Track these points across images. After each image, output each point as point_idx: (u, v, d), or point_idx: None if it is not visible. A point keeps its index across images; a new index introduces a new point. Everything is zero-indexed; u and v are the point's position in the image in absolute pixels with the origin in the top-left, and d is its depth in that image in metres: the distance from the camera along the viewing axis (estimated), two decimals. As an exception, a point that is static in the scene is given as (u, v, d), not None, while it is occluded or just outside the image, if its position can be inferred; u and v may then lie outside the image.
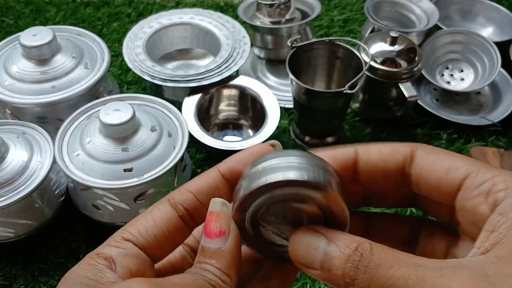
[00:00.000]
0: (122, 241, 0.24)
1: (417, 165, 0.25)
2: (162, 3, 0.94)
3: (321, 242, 0.23)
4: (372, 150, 0.26)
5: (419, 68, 0.67)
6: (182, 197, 0.25)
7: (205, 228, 0.24)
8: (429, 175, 0.24)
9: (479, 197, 0.22)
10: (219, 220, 0.24)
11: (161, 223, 0.25)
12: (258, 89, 0.68)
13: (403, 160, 0.25)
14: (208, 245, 0.24)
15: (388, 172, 0.25)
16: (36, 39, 0.61)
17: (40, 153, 0.55)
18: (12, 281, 0.55)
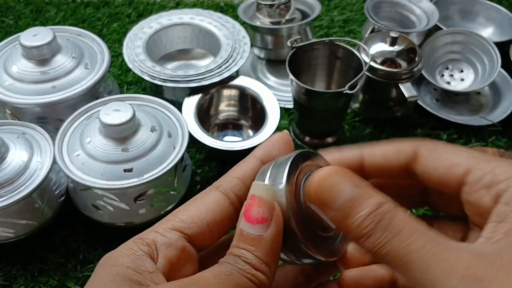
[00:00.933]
0: (170, 231, 0.23)
1: (420, 164, 0.25)
2: (162, 4, 0.94)
3: (349, 186, 0.22)
4: (377, 151, 0.26)
5: (419, 69, 0.67)
6: (231, 183, 0.25)
7: (245, 211, 0.23)
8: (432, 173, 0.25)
9: (481, 190, 0.23)
10: (262, 206, 0.22)
11: (214, 210, 0.24)
12: (258, 89, 0.68)
13: (406, 159, 0.25)
14: (248, 230, 0.22)
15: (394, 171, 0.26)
16: (36, 39, 0.61)
17: (40, 153, 0.55)
18: (12, 281, 0.55)
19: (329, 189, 0.22)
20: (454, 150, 0.25)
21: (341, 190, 0.22)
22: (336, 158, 0.26)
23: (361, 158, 0.26)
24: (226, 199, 0.24)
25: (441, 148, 0.25)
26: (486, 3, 0.86)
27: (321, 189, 0.22)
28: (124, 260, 0.22)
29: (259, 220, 0.22)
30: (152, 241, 0.23)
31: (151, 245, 0.23)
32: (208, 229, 0.24)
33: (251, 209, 0.22)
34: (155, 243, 0.23)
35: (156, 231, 0.23)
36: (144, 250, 0.22)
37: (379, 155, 0.26)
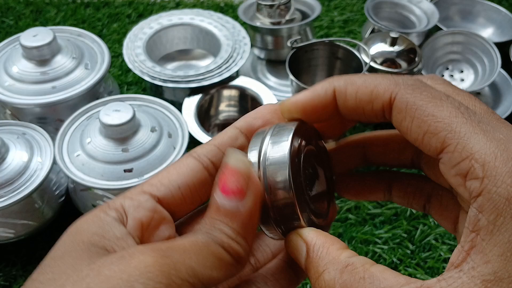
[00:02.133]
0: (139, 193, 0.22)
1: (395, 117, 0.22)
2: (162, 4, 0.94)
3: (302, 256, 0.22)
4: (349, 93, 0.23)
5: (419, 69, 0.67)
6: (206, 150, 0.23)
7: (219, 182, 0.21)
8: (406, 134, 0.22)
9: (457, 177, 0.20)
10: (238, 177, 0.21)
11: (186, 173, 0.23)
12: (258, 89, 0.68)
13: (382, 107, 0.22)
14: (223, 202, 0.21)
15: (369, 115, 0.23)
16: (36, 39, 0.61)
17: (40, 153, 0.55)
18: (12, 282, 0.55)
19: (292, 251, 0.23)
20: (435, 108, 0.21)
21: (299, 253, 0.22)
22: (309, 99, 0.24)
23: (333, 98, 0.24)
24: (199, 164, 0.23)
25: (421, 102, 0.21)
26: (486, 3, 0.86)
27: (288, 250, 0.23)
28: (89, 227, 0.21)
29: (235, 192, 0.21)
30: (120, 205, 0.21)
31: (119, 209, 0.21)
32: (180, 192, 0.22)
33: (225, 179, 0.21)
34: (123, 207, 0.21)
35: (124, 196, 0.22)
36: (112, 215, 0.21)
37: (350, 97, 0.23)
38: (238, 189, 0.21)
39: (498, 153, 0.19)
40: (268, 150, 0.22)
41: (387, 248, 0.58)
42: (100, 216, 0.21)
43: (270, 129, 0.24)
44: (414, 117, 0.21)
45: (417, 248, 0.58)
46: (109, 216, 0.21)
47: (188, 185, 0.23)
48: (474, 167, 0.19)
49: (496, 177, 0.19)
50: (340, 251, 0.21)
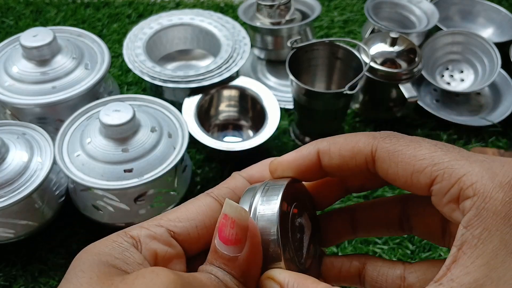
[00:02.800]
0: (155, 226, 0.23)
1: (380, 168, 0.23)
2: (162, 4, 0.94)
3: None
4: (333, 151, 0.24)
5: (419, 69, 0.67)
6: (222, 191, 0.25)
7: (219, 231, 0.22)
8: (394, 179, 0.23)
9: (450, 204, 0.21)
10: (235, 227, 0.22)
11: (204, 212, 0.23)
12: (258, 89, 0.68)
13: (365, 161, 0.24)
14: (222, 250, 0.22)
15: (354, 171, 0.24)
16: (36, 40, 0.61)
17: (40, 153, 0.55)
18: (12, 282, 0.55)
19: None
20: (415, 151, 0.22)
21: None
22: (293, 161, 0.25)
23: (318, 159, 0.25)
24: (217, 204, 0.24)
25: (402, 149, 0.23)
26: (486, 3, 0.86)
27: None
28: (110, 250, 0.21)
29: (233, 242, 0.22)
30: (136, 235, 0.22)
31: (135, 238, 0.22)
32: (196, 231, 0.23)
33: (224, 229, 0.22)
34: (139, 237, 0.22)
35: (142, 226, 0.23)
36: (129, 242, 0.22)
37: (334, 156, 0.24)
38: (236, 239, 0.22)
39: (484, 172, 0.20)
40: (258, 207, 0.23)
41: (387, 248, 0.58)
42: (119, 242, 0.22)
43: (261, 186, 0.25)
44: (398, 161, 0.22)
45: (417, 248, 0.58)
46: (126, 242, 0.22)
47: (205, 224, 0.23)
48: (463, 189, 0.20)
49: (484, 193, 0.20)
50: (315, 284, 0.22)
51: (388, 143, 0.23)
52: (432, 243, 0.58)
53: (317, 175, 0.25)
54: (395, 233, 0.28)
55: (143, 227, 0.23)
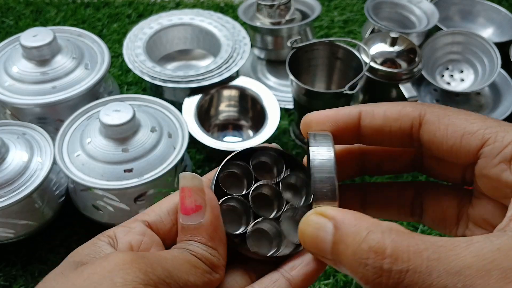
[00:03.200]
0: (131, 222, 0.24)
1: (427, 131, 0.23)
2: (162, 4, 0.94)
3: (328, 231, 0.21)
4: (377, 112, 0.24)
5: (419, 69, 0.67)
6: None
7: (180, 205, 0.23)
8: (441, 142, 0.23)
9: (501, 164, 0.21)
10: (193, 195, 0.23)
11: (176, 200, 0.24)
12: (258, 89, 0.68)
13: (411, 124, 0.23)
14: (186, 222, 0.23)
15: (394, 136, 0.24)
16: (36, 39, 0.61)
17: (40, 153, 0.55)
18: (12, 282, 0.55)
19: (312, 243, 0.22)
20: (466, 115, 0.22)
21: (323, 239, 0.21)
22: (332, 116, 0.25)
23: (358, 118, 0.24)
24: None
25: (452, 113, 0.23)
26: (486, 3, 0.86)
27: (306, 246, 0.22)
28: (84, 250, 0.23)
29: (194, 209, 0.23)
30: (112, 233, 0.23)
31: (111, 236, 0.23)
32: (169, 217, 0.24)
33: (184, 201, 0.23)
34: (115, 234, 0.23)
35: (118, 226, 0.24)
36: (104, 240, 0.23)
37: (378, 117, 0.24)
38: (197, 205, 0.23)
39: None
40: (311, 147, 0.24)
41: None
42: (94, 242, 0.23)
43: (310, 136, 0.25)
44: (449, 124, 0.22)
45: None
46: (102, 241, 0.23)
47: (176, 210, 0.24)
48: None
49: None
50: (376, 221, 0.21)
51: (437, 109, 0.23)
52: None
53: (352, 136, 0.25)
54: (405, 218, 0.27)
55: (119, 225, 0.24)
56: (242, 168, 0.26)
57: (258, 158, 0.27)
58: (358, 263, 0.19)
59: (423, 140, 0.23)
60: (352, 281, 0.55)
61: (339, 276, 0.55)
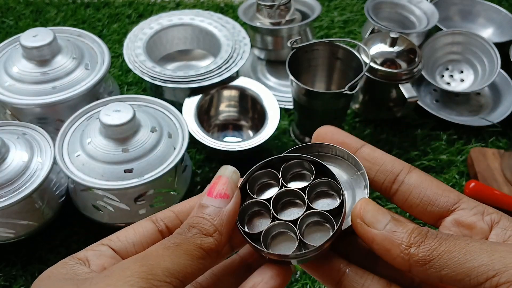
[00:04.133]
0: (99, 245, 0.25)
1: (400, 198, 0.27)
2: (162, 4, 0.94)
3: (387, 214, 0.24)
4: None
5: (419, 69, 0.67)
6: (164, 215, 0.27)
7: (209, 189, 0.25)
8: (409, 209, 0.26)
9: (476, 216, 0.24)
10: (227, 184, 0.25)
11: (141, 233, 0.26)
12: (258, 90, 0.68)
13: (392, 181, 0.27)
14: (209, 202, 0.25)
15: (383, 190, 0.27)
16: (36, 40, 0.61)
17: (41, 153, 0.55)
18: (12, 282, 0.55)
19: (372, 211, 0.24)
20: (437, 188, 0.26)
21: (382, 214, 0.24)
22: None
23: None
24: (154, 227, 0.26)
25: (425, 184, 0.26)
26: (486, 3, 0.86)
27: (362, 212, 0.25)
28: (60, 271, 0.23)
29: (222, 195, 0.25)
30: (83, 256, 0.24)
31: (82, 258, 0.24)
32: (134, 249, 0.25)
33: (215, 186, 0.25)
34: (86, 257, 0.24)
35: (86, 249, 0.25)
36: (76, 262, 0.24)
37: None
38: (225, 193, 0.25)
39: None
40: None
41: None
42: (66, 262, 0.24)
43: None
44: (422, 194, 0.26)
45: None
46: (74, 262, 0.24)
47: (141, 243, 0.26)
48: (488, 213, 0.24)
49: None
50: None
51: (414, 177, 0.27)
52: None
53: None
54: None
55: (87, 249, 0.25)
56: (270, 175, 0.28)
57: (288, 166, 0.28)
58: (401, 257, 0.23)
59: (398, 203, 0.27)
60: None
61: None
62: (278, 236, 0.26)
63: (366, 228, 0.24)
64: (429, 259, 0.22)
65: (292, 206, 0.27)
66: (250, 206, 0.27)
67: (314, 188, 0.27)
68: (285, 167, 0.27)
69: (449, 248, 0.21)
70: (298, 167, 0.28)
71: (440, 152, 0.70)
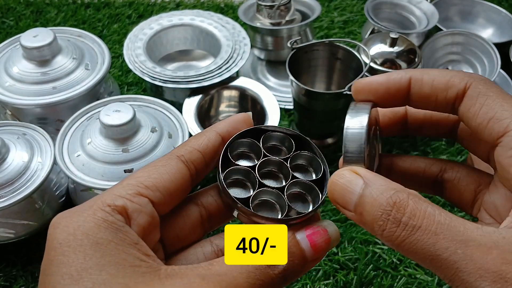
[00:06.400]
0: (137, 196, 0.22)
1: (464, 104, 0.24)
2: (163, 5, 0.94)
3: (358, 185, 0.23)
4: (426, 81, 0.25)
5: (419, 69, 0.67)
6: (193, 155, 0.25)
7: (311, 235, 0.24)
8: (472, 118, 0.24)
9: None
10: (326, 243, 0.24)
11: (177, 180, 0.24)
12: (258, 90, 0.68)
13: (456, 95, 0.24)
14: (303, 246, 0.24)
15: (440, 103, 0.25)
16: (36, 40, 0.61)
17: (41, 154, 0.55)
18: (12, 282, 0.56)
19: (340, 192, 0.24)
20: (503, 101, 0.23)
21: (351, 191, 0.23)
22: (384, 83, 0.26)
23: (408, 85, 0.26)
24: (187, 171, 0.25)
25: (492, 94, 0.23)
26: (486, 4, 0.87)
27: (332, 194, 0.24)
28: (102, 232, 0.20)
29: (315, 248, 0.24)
30: (123, 208, 0.22)
31: (123, 213, 0.22)
32: (170, 198, 0.24)
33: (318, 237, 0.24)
34: (126, 210, 0.22)
35: (122, 196, 0.22)
36: (121, 220, 0.21)
37: (427, 85, 0.25)
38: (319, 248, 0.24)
39: None
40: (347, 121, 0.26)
41: (387, 248, 0.58)
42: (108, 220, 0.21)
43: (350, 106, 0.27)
44: (484, 104, 0.23)
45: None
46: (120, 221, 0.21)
47: (178, 190, 0.24)
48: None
49: None
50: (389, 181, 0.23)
51: (482, 85, 0.24)
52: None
53: (401, 101, 0.26)
54: (426, 191, 0.29)
55: (124, 197, 0.22)
56: (251, 145, 0.28)
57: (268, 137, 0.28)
58: (380, 214, 0.22)
59: (460, 111, 0.24)
60: (352, 281, 0.55)
61: (339, 276, 0.55)
62: (261, 204, 0.26)
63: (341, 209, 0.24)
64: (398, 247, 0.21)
65: (271, 177, 0.27)
66: (230, 173, 0.26)
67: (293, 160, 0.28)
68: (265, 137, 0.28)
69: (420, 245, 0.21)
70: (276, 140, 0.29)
71: (440, 152, 0.70)
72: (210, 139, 0.26)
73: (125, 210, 0.22)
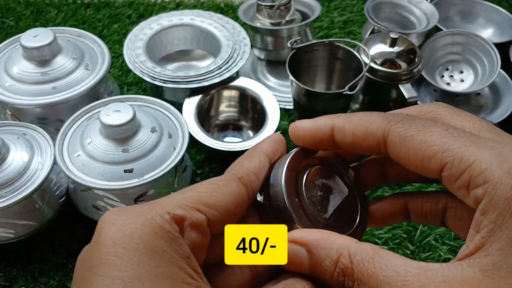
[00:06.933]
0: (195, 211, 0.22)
1: (391, 152, 0.24)
2: (163, 5, 0.94)
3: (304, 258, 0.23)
4: (347, 129, 0.25)
5: (419, 70, 0.67)
6: (251, 179, 0.25)
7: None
8: (406, 163, 0.23)
9: (461, 190, 0.21)
10: None
11: (238, 203, 0.24)
12: (258, 90, 0.68)
13: (377, 144, 0.24)
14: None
15: (366, 152, 0.25)
16: (36, 40, 0.61)
17: (41, 154, 0.55)
18: (12, 282, 0.55)
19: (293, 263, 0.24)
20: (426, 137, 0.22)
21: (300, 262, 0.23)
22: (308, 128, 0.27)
23: (331, 134, 0.26)
24: (247, 194, 0.25)
25: (413, 134, 0.23)
26: (486, 4, 0.87)
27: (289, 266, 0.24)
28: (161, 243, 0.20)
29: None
30: (181, 218, 0.21)
31: (179, 223, 0.21)
32: (227, 218, 0.24)
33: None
34: (183, 221, 0.21)
35: (182, 206, 0.22)
36: (175, 229, 0.21)
37: (348, 133, 0.25)
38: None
39: (492, 159, 0.20)
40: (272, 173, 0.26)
41: (387, 248, 0.58)
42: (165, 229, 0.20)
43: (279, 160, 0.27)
44: (409, 147, 0.23)
45: (417, 248, 0.58)
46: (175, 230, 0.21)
47: (236, 213, 0.24)
48: (474, 176, 0.21)
49: (494, 180, 0.20)
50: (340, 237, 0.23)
51: (400, 128, 0.23)
52: (432, 244, 0.58)
53: (331, 146, 0.26)
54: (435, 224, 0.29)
55: (182, 207, 0.22)
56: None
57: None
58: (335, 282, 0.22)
59: (392, 158, 0.24)
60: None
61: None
62: None
63: None
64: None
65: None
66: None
67: None
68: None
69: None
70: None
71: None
72: (261, 161, 0.26)
73: (182, 222, 0.21)
